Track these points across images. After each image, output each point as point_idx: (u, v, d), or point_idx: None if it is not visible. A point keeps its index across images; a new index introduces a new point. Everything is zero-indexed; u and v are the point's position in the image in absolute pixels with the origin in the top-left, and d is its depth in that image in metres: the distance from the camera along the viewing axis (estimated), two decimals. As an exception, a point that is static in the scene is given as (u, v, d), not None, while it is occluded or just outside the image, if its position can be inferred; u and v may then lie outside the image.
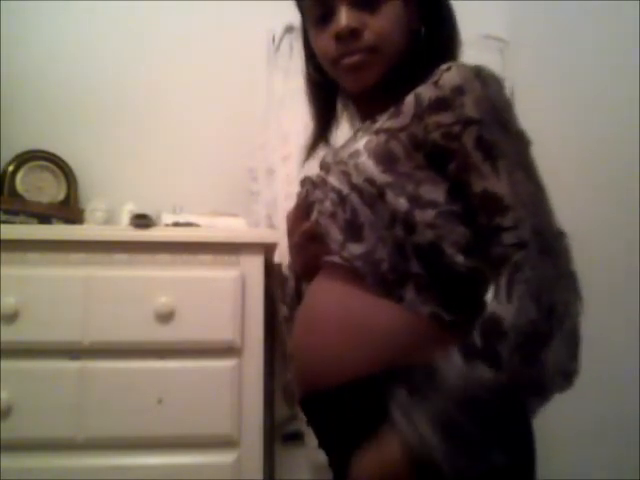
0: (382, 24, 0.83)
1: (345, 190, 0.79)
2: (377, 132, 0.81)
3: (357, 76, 0.85)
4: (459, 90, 0.75)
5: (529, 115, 2.13)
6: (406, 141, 0.78)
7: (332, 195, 0.81)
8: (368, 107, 0.90)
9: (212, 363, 1.51)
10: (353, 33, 0.82)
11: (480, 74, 0.78)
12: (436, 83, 0.77)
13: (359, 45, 0.83)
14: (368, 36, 0.83)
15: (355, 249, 0.78)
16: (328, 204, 0.82)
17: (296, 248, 0.91)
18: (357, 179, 0.78)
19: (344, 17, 0.82)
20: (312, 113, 0.99)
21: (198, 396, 1.47)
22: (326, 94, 0.96)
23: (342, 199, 0.80)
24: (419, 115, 0.78)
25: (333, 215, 0.81)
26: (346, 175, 0.80)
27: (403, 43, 0.86)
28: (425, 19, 0.88)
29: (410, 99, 0.80)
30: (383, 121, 0.82)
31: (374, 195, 0.77)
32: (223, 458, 1.46)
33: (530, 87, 2.05)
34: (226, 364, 1.51)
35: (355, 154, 0.81)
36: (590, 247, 1.66)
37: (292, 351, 0.87)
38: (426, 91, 0.78)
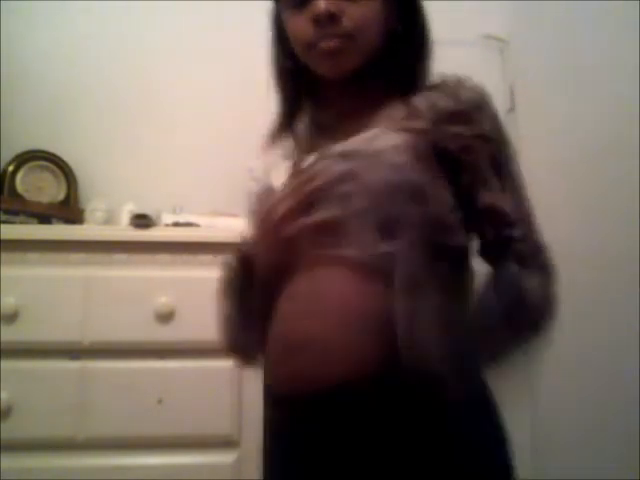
0: (361, 12, 0.82)
1: (383, 188, 0.76)
2: (401, 130, 0.80)
3: (333, 62, 0.84)
4: (477, 107, 0.81)
5: (528, 115, 2.14)
6: (428, 145, 0.79)
7: (364, 191, 0.76)
8: (340, 97, 0.89)
9: (212, 363, 1.51)
10: (332, 18, 0.81)
11: (487, 95, 0.82)
12: (453, 96, 0.81)
13: (337, 30, 0.81)
14: (346, 22, 0.81)
15: (386, 248, 0.75)
16: (359, 200, 0.76)
17: (286, 240, 0.81)
18: (396, 177, 0.76)
19: (323, 1, 0.81)
20: (279, 100, 0.96)
21: (198, 396, 1.47)
22: (295, 82, 0.93)
23: (378, 196, 0.76)
24: (437, 122, 0.79)
25: (363, 212, 0.75)
26: (381, 171, 0.77)
27: (379, 39, 0.86)
28: (401, 19, 0.88)
29: (423, 104, 0.81)
30: (400, 120, 0.82)
31: (412, 195, 0.76)
32: (223, 458, 1.46)
33: (530, 87, 2.05)
34: (226, 364, 1.50)
35: (386, 150, 0.78)
36: (589, 245, 1.66)
37: (289, 344, 0.79)
38: (441, 101, 0.81)
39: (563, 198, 1.82)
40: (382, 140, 0.80)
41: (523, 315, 0.75)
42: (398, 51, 0.88)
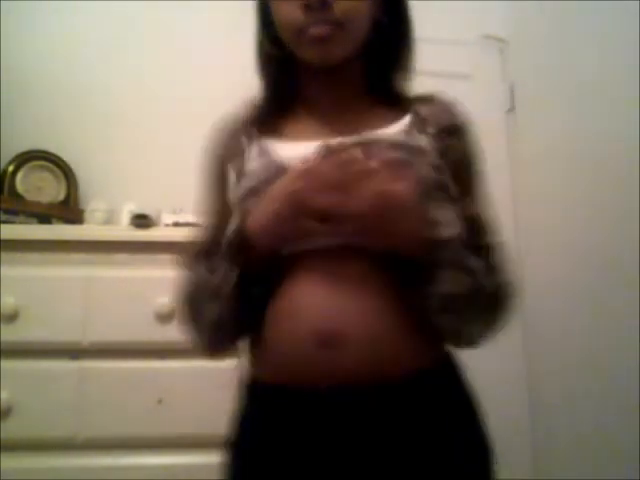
0: (352, 1, 0.82)
1: (431, 184, 0.80)
2: (422, 133, 0.84)
3: (323, 49, 0.82)
4: (467, 125, 0.88)
5: (528, 115, 2.14)
6: (437, 152, 0.84)
7: (416, 182, 0.76)
8: (324, 86, 0.89)
9: (212, 363, 1.50)
10: (323, 4, 0.79)
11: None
12: (448, 111, 0.88)
13: (328, 16, 0.80)
14: (337, 10, 0.80)
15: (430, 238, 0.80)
16: (413, 190, 0.74)
17: (322, 219, 0.71)
18: (438, 177, 0.81)
19: None
20: (262, 88, 0.95)
21: (198, 396, 1.47)
22: (280, 69, 0.91)
23: (426, 191, 0.78)
24: (438, 132, 0.84)
25: (414, 203, 0.74)
26: (428, 168, 0.80)
27: (366, 30, 0.86)
28: (388, 12, 0.88)
29: (426, 112, 0.86)
30: (411, 122, 0.85)
31: (448, 197, 0.82)
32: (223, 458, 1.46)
33: (530, 87, 2.05)
34: (226, 364, 1.50)
35: (426, 149, 0.82)
36: (589, 242, 1.66)
37: (322, 339, 0.74)
38: (438, 113, 0.86)
39: (563, 196, 1.82)
40: (418, 138, 0.83)
41: (494, 300, 0.80)
42: (383, 44, 0.89)
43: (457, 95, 0.91)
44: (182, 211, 1.76)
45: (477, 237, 0.81)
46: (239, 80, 1.97)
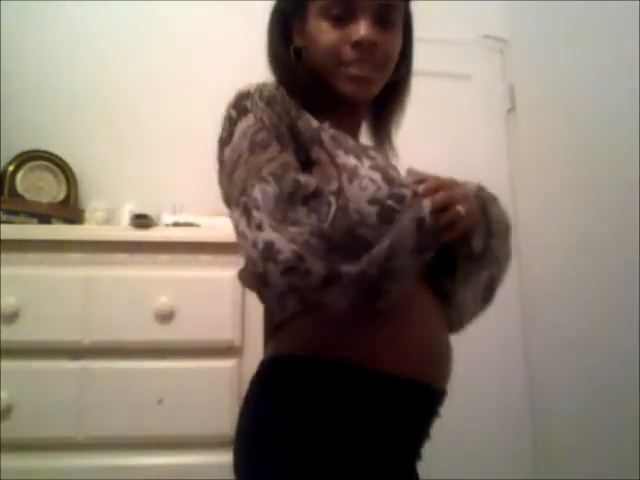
0: (392, 46, 0.89)
1: None
2: None
3: (362, 87, 0.89)
4: None
5: (528, 114, 2.13)
6: None
7: None
8: (345, 115, 0.93)
9: (212, 363, 1.51)
10: (374, 45, 0.86)
11: None
12: None
13: (372, 58, 0.87)
14: (380, 53, 0.88)
15: None
16: None
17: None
18: None
19: (367, 28, 0.86)
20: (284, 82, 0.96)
21: (198, 396, 1.47)
22: (302, 78, 0.91)
23: None
24: None
25: None
26: None
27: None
28: (404, 63, 0.96)
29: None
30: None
31: None
32: (223, 458, 1.46)
33: (530, 87, 2.06)
34: (226, 364, 1.51)
35: None
36: (590, 236, 1.66)
37: (442, 348, 0.88)
38: None
39: (563, 196, 1.82)
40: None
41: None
42: (391, 89, 0.96)
43: (457, 95, 0.91)
44: (182, 211, 1.76)
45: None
46: (240, 81, 1.98)
